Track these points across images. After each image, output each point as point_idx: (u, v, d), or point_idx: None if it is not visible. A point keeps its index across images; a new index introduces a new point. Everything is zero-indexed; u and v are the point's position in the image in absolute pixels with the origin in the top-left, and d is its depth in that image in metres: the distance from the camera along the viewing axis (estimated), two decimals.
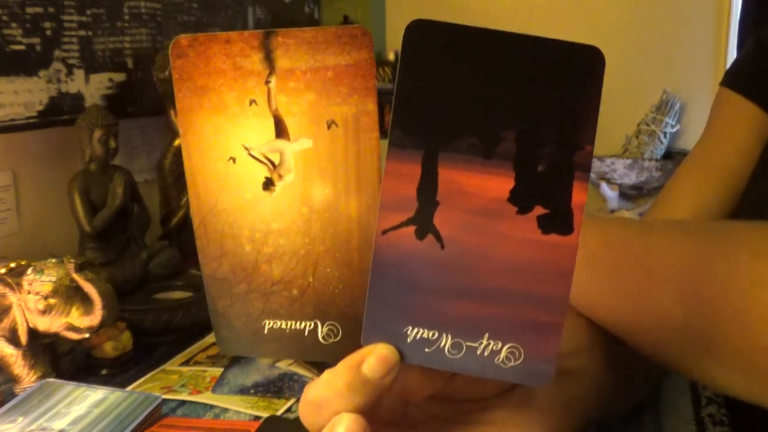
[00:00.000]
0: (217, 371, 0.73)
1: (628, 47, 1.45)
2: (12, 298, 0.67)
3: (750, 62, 0.68)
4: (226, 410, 0.65)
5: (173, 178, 1.01)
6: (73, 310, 0.67)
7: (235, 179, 0.36)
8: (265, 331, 0.36)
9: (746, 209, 0.61)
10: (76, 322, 0.67)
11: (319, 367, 0.60)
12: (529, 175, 0.31)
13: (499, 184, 0.31)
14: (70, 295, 0.67)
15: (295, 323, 0.37)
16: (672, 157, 1.40)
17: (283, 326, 0.37)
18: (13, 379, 0.68)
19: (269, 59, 0.34)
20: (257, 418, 0.63)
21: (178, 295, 0.90)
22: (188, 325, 0.85)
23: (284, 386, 0.68)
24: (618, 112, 1.45)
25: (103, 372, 0.74)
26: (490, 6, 1.57)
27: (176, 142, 1.01)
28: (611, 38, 1.45)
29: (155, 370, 0.75)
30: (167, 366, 0.76)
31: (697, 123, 1.40)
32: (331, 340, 0.37)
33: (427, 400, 0.37)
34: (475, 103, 0.31)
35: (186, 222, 1.03)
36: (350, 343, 0.34)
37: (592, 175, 1.32)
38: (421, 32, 0.31)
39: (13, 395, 0.66)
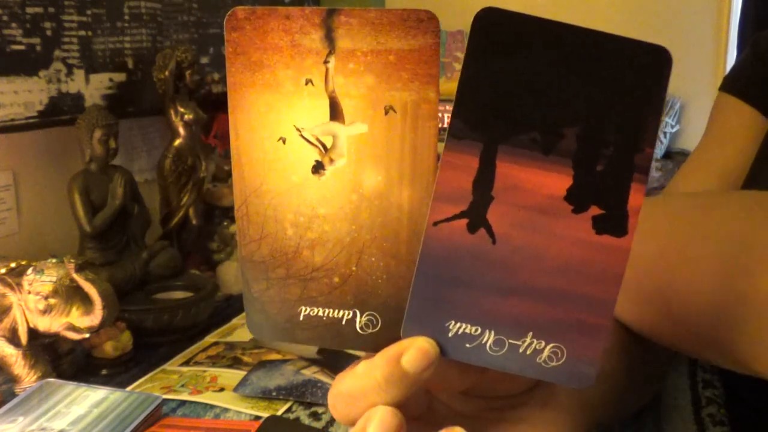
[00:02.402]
0: (217, 371, 0.73)
1: None
2: (12, 298, 0.67)
3: (748, 67, 0.69)
4: (226, 410, 0.65)
5: (173, 178, 1.01)
6: (74, 310, 0.67)
7: (283, 161, 0.34)
8: (301, 317, 0.35)
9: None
10: (77, 322, 0.67)
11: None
12: (588, 174, 0.31)
13: (557, 181, 0.31)
14: (70, 295, 0.67)
15: (333, 311, 0.35)
16: (672, 157, 1.40)
17: (320, 314, 0.35)
18: (14, 379, 0.68)
19: (330, 38, 0.32)
20: (257, 418, 0.63)
21: (178, 295, 0.90)
22: (188, 325, 0.85)
23: (307, 392, 0.68)
24: None
25: (103, 372, 0.74)
26: (490, 5, 1.57)
27: (176, 142, 1.01)
28: None
29: (155, 370, 0.75)
30: (167, 366, 0.76)
31: (697, 123, 1.40)
32: (370, 331, 0.35)
33: (453, 395, 0.37)
34: (540, 97, 0.30)
35: (186, 222, 1.03)
36: (389, 334, 0.33)
37: None
38: (490, 21, 0.30)
39: (13, 395, 0.66)
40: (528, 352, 0.32)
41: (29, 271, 0.67)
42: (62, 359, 0.73)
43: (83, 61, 0.99)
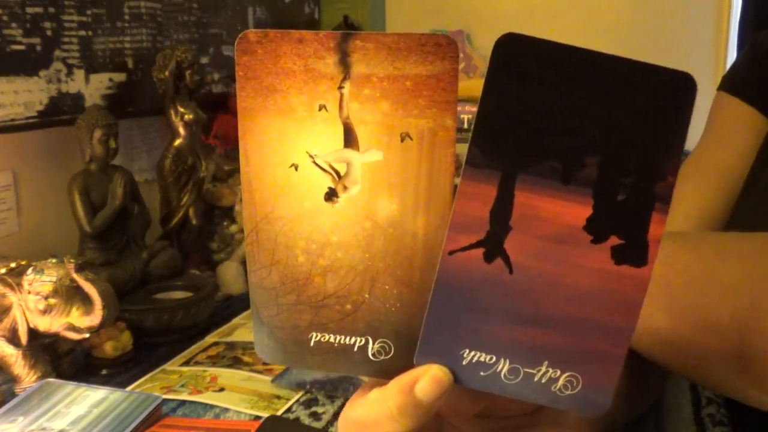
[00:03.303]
0: (217, 371, 0.73)
1: (628, 47, 1.45)
2: (12, 298, 0.67)
3: (746, 67, 0.69)
4: (226, 410, 0.65)
5: (173, 178, 1.01)
6: (73, 310, 0.67)
7: (295, 187, 0.34)
8: (311, 343, 0.35)
9: (753, 198, 0.62)
10: (77, 322, 0.67)
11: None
12: (608, 203, 0.30)
13: (577, 211, 0.30)
14: (70, 295, 0.67)
15: (345, 338, 0.34)
16: None
17: (332, 340, 0.35)
18: (14, 379, 0.68)
19: (345, 63, 0.32)
20: (257, 418, 0.63)
21: (178, 295, 0.90)
22: (188, 325, 0.85)
23: (340, 387, 0.69)
24: None
25: (103, 372, 0.74)
26: (490, 6, 1.57)
27: (176, 142, 1.01)
28: (611, 38, 1.45)
29: (155, 370, 0.75)
30: (167, 366, 0.76)
31: (697, 123, 1.40)
32: (382, 358, 0.34)
33: (461, 418, 0.36)
34: (561, 126, 0.30)
35: (186, 222, 1.03)
36: (402, 362, 0.33)
37: None
38: (510, 47, 0.29)
39: (13, 395, 0.66)
40: (543, 381, 0.32)
41: (29, 271, 0.67)
42: (62, 359, 0.73)
43: (83, 61, 0.99)
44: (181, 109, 1.00)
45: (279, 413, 0.65)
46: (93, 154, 0.87)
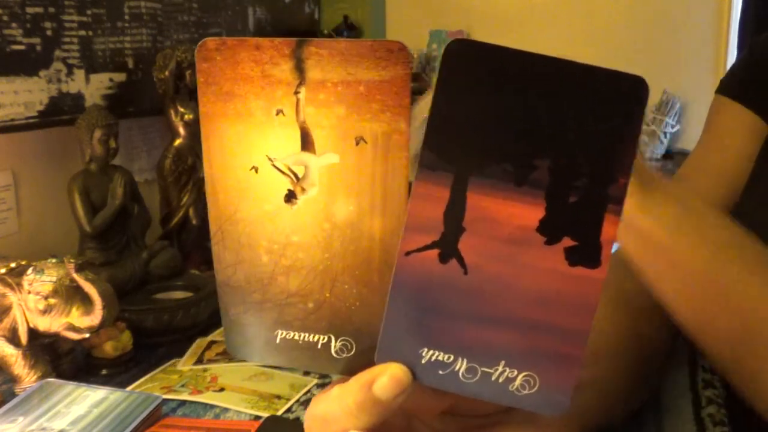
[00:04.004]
0: (217, 371, 0.73)
1: (628, 47, 1.45)
2: (12, 298, 0.67)
3: (744, 70, 0.69)
4: (226, 410, 0.65)
5: (173, 178, 1.01)
6: (73, 310, 0.67)
7: (256, 189, 0.35)
8: (278, 340, 0.36)
9: (758, 192, 0.62)
10: (76, 322, 0.67)
11: None
12: (561, 205, 0.31)
13: (529, 212, 0.31)
14: (70, 295, 0.67)
15: (309, 336, 0.36)
16: (672, 157, 1.40)
17: (296, 338, 0.36)
18: (13, 379, 0.68)
19: (300, 69, 0.33)
20: (257, 418, 0.63)
21: (178, 295, 0.90)
22: (188, 325, 0.85)
23: None
24: None
25: (103, 372, 0.74)
26: (490, 6, 1.57)
27: (176, 142, 1.01)
28: (611, 38, 1.45)
29: (155, 370, 0.75)
30: (167, 366, 0.76)
31: (697, 123, 1.40)
32: (345, 355, 0.35)
33: (434, 417, 0.37)
34: (512, 129, 0.30)
35: (186, 222, 1.03)
36: (363, 359, 0.33)
37: None
38: (461, 52, 0.30)
39: (13, 395, 0.66)
40: (500, 380, 0.32)
41: (29, 271, 0.67)
42: (62, 359, 0.73)
43: (83, 61, 0.99)
44: (181, 109, 1.00)
45: (279, 413, 0.65)
46: (93, 154, 0.87)
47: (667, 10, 1.45)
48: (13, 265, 0.68)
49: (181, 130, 1.00)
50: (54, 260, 0.68)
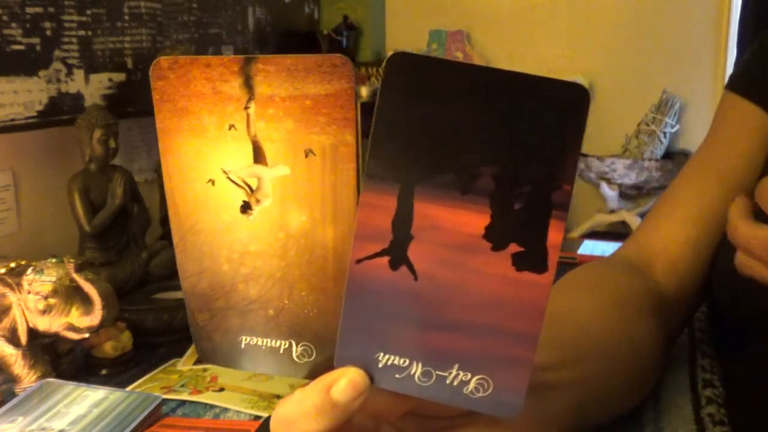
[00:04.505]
0: (217, 371, 0.73)
1: (628, 47, 1.45)
2: (12, 298, 0.67)
3: (755, 66, 0.66)
4: (226, 410, 0.65)
5: None
6: (73, 310, 0.67)
7: (213, 201, 0.36)
8: (242, 346, 0.37)
9: None
10: (76, 322, 0.67)
11: None
12: (506, 212, 0.31)
13: (475, 220, 0.31)
14: (70, 295, 0.66)
15: (271, 341, 0.37)
16: (672, 157, 1.40)
17: (260, 343, 0.37)
18: (13, 379, 0.68)
19: (249, 85, 0.34)
20: (257, 417, 0.63)
21: (178, 295, 0.90)
22: (188, 325, 0.84)
23: None
24: (618, 112, 1.45)
25: (103, 372, 0.74)
26: (490, 6, 1.57)
27: None
28: (611, 38, 1.45)
29: (155, 370, 0.75)
30: (167, 366, 0.76)
31: (697, 123, 1.40)
32: (305, 360, 0.37)
33: (399, 418, 0.37)
34: (455, 138, 0.31)
35: None
36: (324, 364, 0.35)
37: (592, 175, 1.32)
38: (403, 65, 0.30)
39: (13, 395, 0.66)
40: (455, 384, 0.33)
41: (29, 271, 0.67)
42: (62, 359, 0.72)
43: (83, 61, 0.99)
44: None
45: None
46: (93, 154, 0.87)
47: (666, 10, 1.45)
48: (12, 265, 0.68)
49: None
50: (54, 260, 0.68)
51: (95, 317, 0.66)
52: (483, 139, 0.31)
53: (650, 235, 0.67)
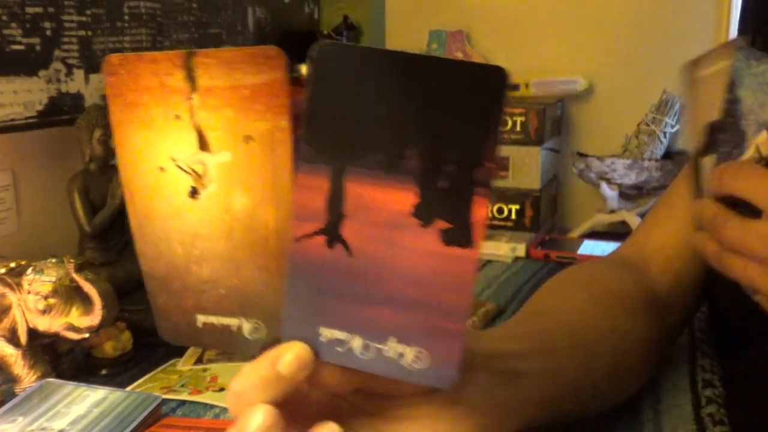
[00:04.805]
0: (217, 371, 0.73)
1: (628, 47, 1.45)
2: (12, 298, 0.67)
3: None
4: (226, 410, 0.65)
5: None
6: (73, 310, 0.67)
7: (164, 188, 0.38)
8: (199, 324, 0.40)
9: None
10: (76, 322, 0.67)
11: None
12: (432, 190, 0.32)
13: (403, 198, 0.33)
14: (70, 295, 0.66)
15: (224, 319, 0.39)
16: (672, 157, 1.40)
17: (214, 321, 0.39)
18: (13, 379, 0.68)
19: (191, 78, 0.36)
20: None
21: None
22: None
23: None
24: (618, 112, 1.45)
25: (103, 372, 0.74)
26: (490, 6, 1.57)
27: None
28: (611, 38, 1.45)
29: (155, 370, 0.75)
30: (167, 366, 0.76)
31: None
32: (256, 336, 0.39)
33: (357, 395, 0.39)
34: (381, 121, 0.32)
35: None
36: (273, 339, 0.37)
37: (592, 175, 1.32)
38: (330, 54, 0.32)
39: (13, 395, 0.66)
40: (393, 356, 0.34)
41: (29, 271, 0.67)
42: (62, 359, 0.72)
43: (83, 61, 0.98)
44: None
45: None
46: (93, 154, 0.87)
47: (666, 10, 1.45)
48: (12, 265, 0.68)
49: None
50: (54, 260, 0.68)
51: (95, 317, 0.66)
52: (407, 121, 0.32)
53: (648, 234, 0.68)
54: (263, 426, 0.33)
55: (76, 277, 0.66)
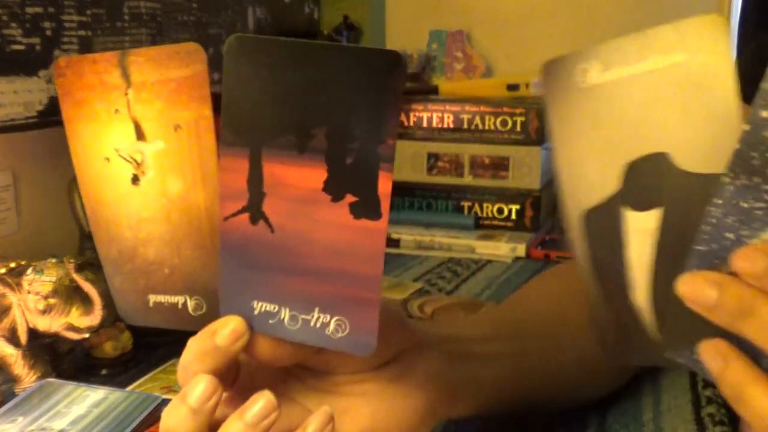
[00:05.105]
0: None
1: None
2: (12, 298, 0.67)
3: (750, 69, 0.67)
4: None
5: None
6: (73, 310, 0.67)
7: (111, 176, 0.42)
8: (151, 304, 0.43)
9: None
10: (76, 322, 0.67)
11: None
12: (340, 167, 0.35)
13: (314, 175, 0.35)
14: (70, 295, 0.66)
15: (171, 297, 0.42)
16: None
17: (163, 300, 0.42)
18: (13, 379, 0.68)
19: (126, 75, 0.40)
20: None
21: None
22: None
23: None
24: None
25: (103, 372, 0.74)
26: (490, 6, 1.57)
27: None
28: (611, 38, 1.45)
29: (155, 370, 0.75)
30: (167, 366, 0.76)
31: None
32: (199, 313, 0.42)
33: (306, 372, 0.41)
34: (290, 105, 0.35)
35: None
36: (214, 315, 0.39)
37: None
38: (240, 46, 0.35)
39: (13, 395, 0.66)
40: (318, 326, 0.37)
41: (29, 271, 0.67)
42: (62, 359, 0.72)
43: None
44: None
45: None
46: None
47: (666, 11, 1.45)
48: (12, 265, 0.68)
49: None
50: (54, 260, 0.68)
51: (95, 317, 0.66)
52: (312, 105, 0.35)
53: None
54: (204, 393, 0.36)
55: (76, 277, 0.66)
